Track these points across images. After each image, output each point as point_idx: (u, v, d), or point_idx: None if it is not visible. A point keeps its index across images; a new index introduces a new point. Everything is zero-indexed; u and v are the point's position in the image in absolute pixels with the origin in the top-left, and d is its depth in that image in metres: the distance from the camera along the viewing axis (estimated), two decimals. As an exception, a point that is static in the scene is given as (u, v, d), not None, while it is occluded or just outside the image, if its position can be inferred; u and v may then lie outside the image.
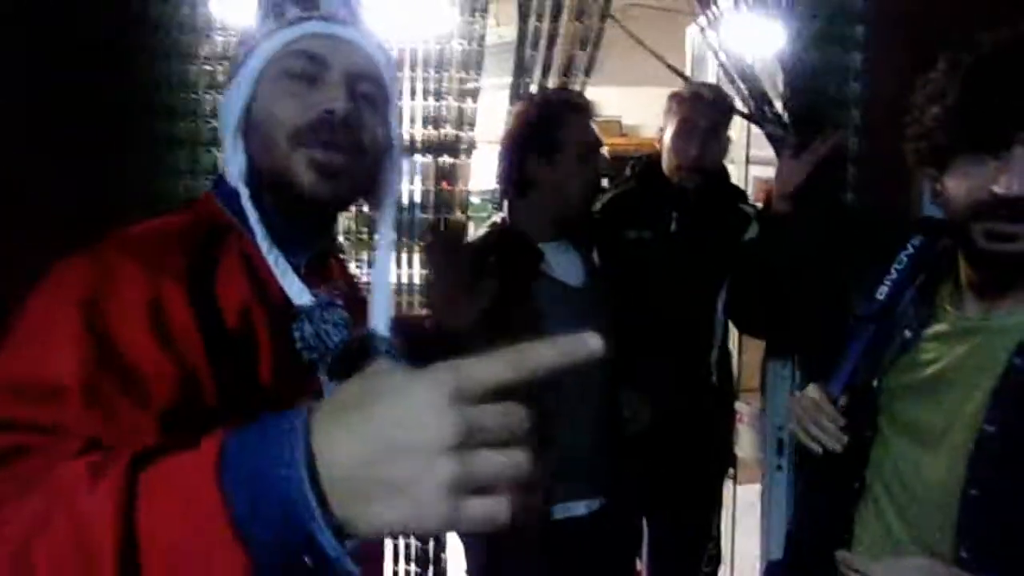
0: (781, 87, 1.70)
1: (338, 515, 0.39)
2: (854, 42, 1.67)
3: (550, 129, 1.46)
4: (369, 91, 0.75)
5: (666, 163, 1.73)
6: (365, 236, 1.71)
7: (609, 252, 1.61)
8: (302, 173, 0.72)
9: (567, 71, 1.78)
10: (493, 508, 0.39)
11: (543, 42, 1.76)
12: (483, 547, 1.52)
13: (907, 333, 0.93)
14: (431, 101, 1.71)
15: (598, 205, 1.81)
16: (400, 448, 0.38)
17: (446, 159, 1.71)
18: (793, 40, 1.69)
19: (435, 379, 0.39)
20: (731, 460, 1.91)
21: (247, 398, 0.65)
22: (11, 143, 1.56)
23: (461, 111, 1.72)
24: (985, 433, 0.80)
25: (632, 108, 3.80)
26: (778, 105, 1.70)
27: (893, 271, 0.98)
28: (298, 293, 0.72)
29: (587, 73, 1.80)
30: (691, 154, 1.67)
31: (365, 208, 1.59)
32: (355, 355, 0.73)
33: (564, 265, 1.50)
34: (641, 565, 2.10)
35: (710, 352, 1.73)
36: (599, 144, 1.48)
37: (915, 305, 0.95)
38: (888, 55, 1.66)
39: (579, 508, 1.48)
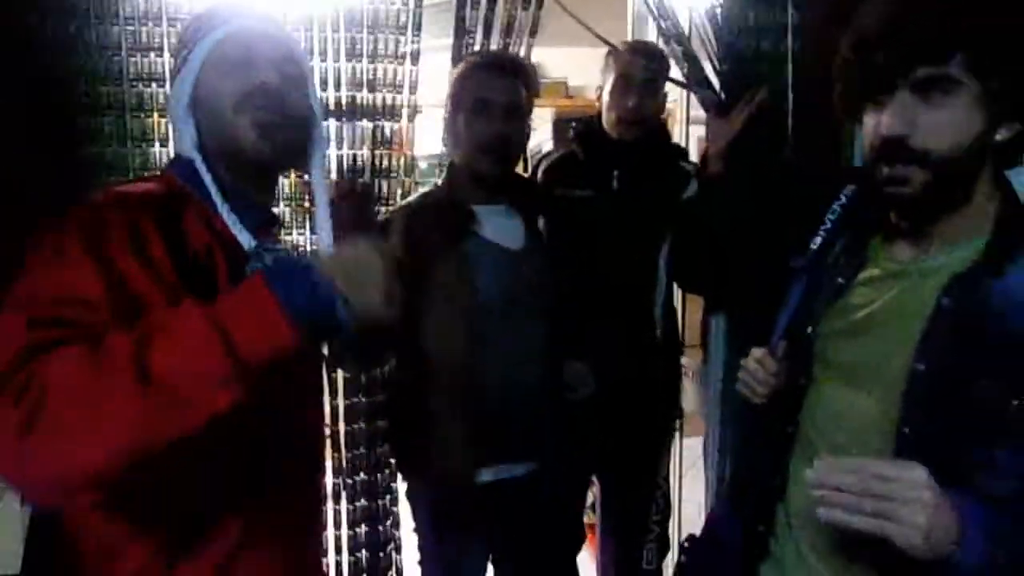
0: (715, 48, 1.71)
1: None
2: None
3: (455, 87, 1.48)
4: (291, 71, 0.95)
5: (605, 119, 1.76)
6: (306, 204, 1.69)
7: (554, 213, 1.59)
8: (246, 133, 0.90)
9: (508, 32, 1.74)
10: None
11: (484, 2, 1.72)
12: (430, 515, 1.54)
13: (839, 280, 0.96)
14: (365, 63, 1.66)
15: (543, 167, 1.84)
16: (356, 266, 0.78)
17: (385, 123, 1.67)
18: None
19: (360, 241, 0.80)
20: (678, 414, 1.95)
21: None
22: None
23: (396, 73, 1.68)
24: (916, 372, 0.83)
25: (578, 70, 3.75)
26: (710, 68, 1.71)
27: (827, 221, 1.01)
28: (247, 240, 0.91)
29: (531, 34, 1.77)
30: (629, 106, 1.70)
31: (305, 177, 1.64)
32: None
33: (500, 228, 1.49)
34: (593, 518, 2.16)
35: (653, 310, 1.75)
36: (500, 101, 1.43)
37: (846, 252, 0.98)
38: (822, 11, 1.68)
39: (518, 469, 1.49)
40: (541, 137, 3.76)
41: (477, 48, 1.74)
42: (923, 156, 0.82)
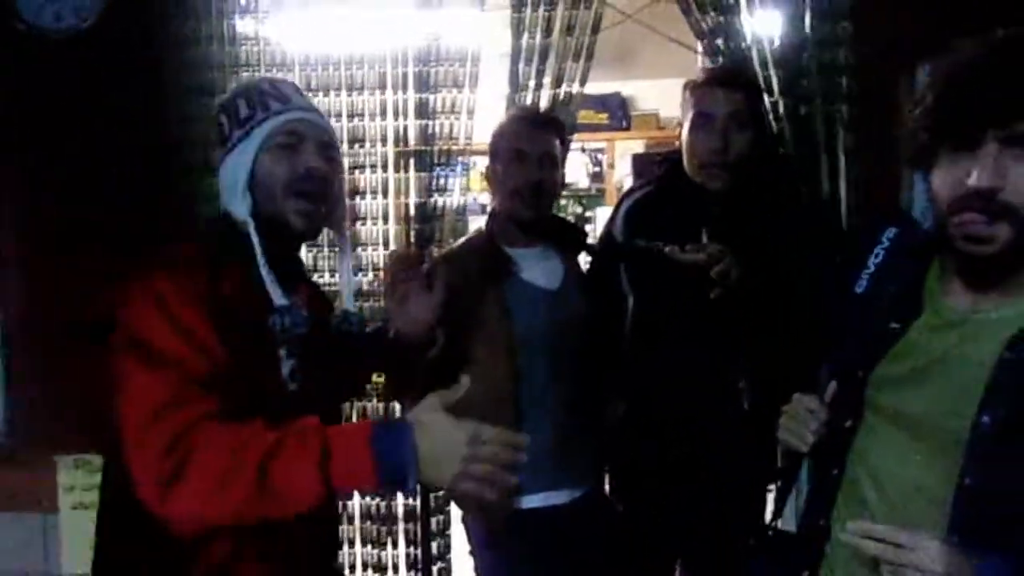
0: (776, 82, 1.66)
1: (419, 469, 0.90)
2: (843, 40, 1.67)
3: (495, 139, 1.58)
4: (331, 153, 1.12)
5: (687, 164, 1.49)
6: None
7: (636, 265, 1.57)
8: (291, 216, 1.07)
9: (559, 82, 1.82)
10: (479, 487, 0.90)
11: (536, 57, 1.80)
12: (482, 540, 1.59)
13: (893, 325, 0.94)
14: (422, 120, 1.82)
15: (624, 208, 1.64)
16: (442, 448, 0.90)
17: (438, 172, 1.82)
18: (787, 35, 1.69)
19: (460, 424, 0.92)
20: (772, 479, 1.53)
21: (239, 367, 0.98)
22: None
23: (452, 126, 1.82)
24: (981, 424, 0.82)
25: (670, 101, 3.76)
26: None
27: (871, 264, 0.99)
28: (279, 296, 1.05)
29: (582, 83, 1.83)
30: (710, 148, 1.43)
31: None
32: (311, 338, 1.10)
33: (539, 269, 1.56)
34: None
35: (738, 381, 1.49)
36: (534, 151, 1.51)
37: (900, 296, 0.95)
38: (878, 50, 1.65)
39: (561, 496, 1.54)
40: (623, 172, 3.81)
41: (531, 98, 1.83)
42: (1011, 211, 0.80)
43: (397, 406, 1.87)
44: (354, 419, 1.87)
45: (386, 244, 1.87)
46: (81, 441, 1.89)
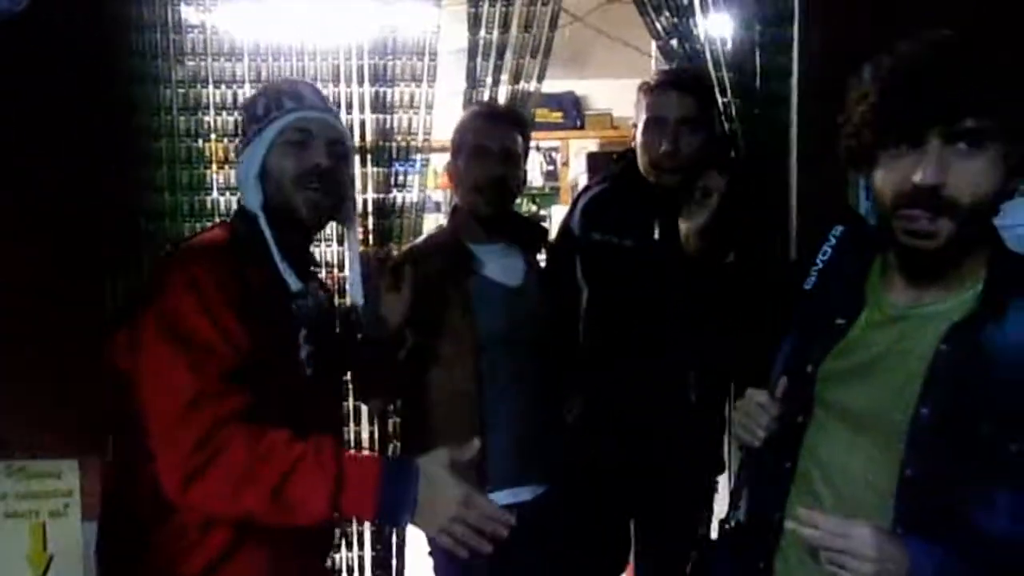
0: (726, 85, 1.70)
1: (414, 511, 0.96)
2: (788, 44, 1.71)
3: (457, 135, 1.57)
4: (340, 151, 1.19)
5: (640, 163, 1.55)
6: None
7: (591, 258, 1.61)
8: (300, 206, 1.14)
9: (516, 79, 1.80)
10: (454, 545, 0.96)
11: (493, 52, 1.78)
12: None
13: (839, 320, 0.96)
14: (381, 114, 1.78)
15: (580, 204, 1.68)
16: (440, 503, 0.96)
17: (396, 168, 1.78)
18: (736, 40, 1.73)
19: (458, 485, 0.97)
20: (718, 471, 1.73)
21: (252, 352, 1.03)
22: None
23: (410, 121, 1.79)
24: (920, 416, 0.84)
25: (623, 100, 3.79)
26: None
27: (818, 262, 1.02)
28: (295, 283, 1.13)
29: (539, 80, 1.82)
30: (662, 151, 1.48)
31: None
32: (324, 321, 1.22)
33: (500, 266, 1.55)
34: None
35: (687, 372, 1.56)
36: (496, 147, 1.50)
37: (845, 293, 0.97)
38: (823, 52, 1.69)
39: (525, 493, 1.54)
40: (577, 170, 3.83)
41: (488, 94, 1.81)
42: (953, 206, 0.81)
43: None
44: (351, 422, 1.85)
45: (340, 241, 1.83)
46: (11, 445, 1.80)
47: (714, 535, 1.17)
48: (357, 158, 1.74)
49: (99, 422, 1.71)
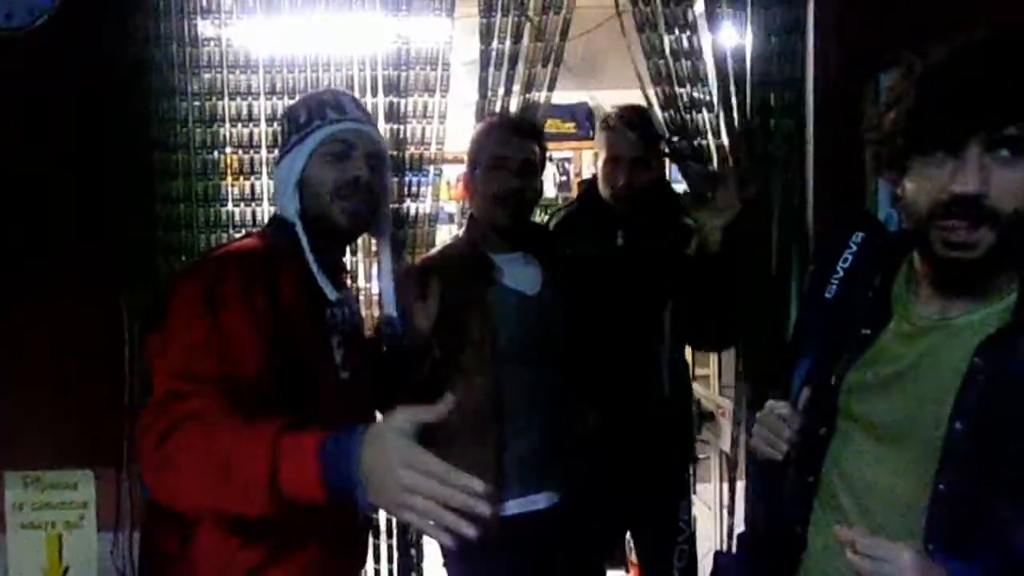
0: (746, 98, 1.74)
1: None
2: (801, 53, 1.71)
3: (475, 145, 1.58)
4: (377, 164, 1.19)
5: (602, 191, 1.76)
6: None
7: (559, 267, 1.65)
8: (338, 217, 1.14)
9: (529, 88, 1.81)
10: (420, 522, 0.83)
11: (505, 63, 1.79)
12: (458, 548, 1.59)
13: (864, 331, 0.93)
14: (394, 124, 1.79)
15: (552, 223, 1.88)
16: (381, 469, 0.83)
17: (411, 176, 1.78)
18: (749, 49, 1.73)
19: (398, 444, 0.83)
20: (692, 461, 1.99)
21: (289, 357, 1.03)
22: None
23: (423, 131, 1.79)
24: (953, 430, 0.81)
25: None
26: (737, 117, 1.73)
27: (839, 270, 0.98)
28: (331, 291, 1.13)
29: (550, 89, 1.83)
30: (619, 184, 1.70)
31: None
32: (356, 329, 1.23)
33: (518, 275, 1.56)
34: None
35: (660, 365, 1.75)
36: (515, 158, 1.52)
37: (870, 302, 0.94)
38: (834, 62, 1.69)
39: (540, 501, 1.54)
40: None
41: (499, 104, 1.81)
42: (994, 216, 0.78)
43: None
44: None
45: (352, 251, 1.83)
46: (32, 457, 1.80)
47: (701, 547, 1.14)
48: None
49: (115, 433, 1.72)
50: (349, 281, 1.79)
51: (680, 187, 1.95)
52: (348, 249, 1.71)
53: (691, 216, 1.73)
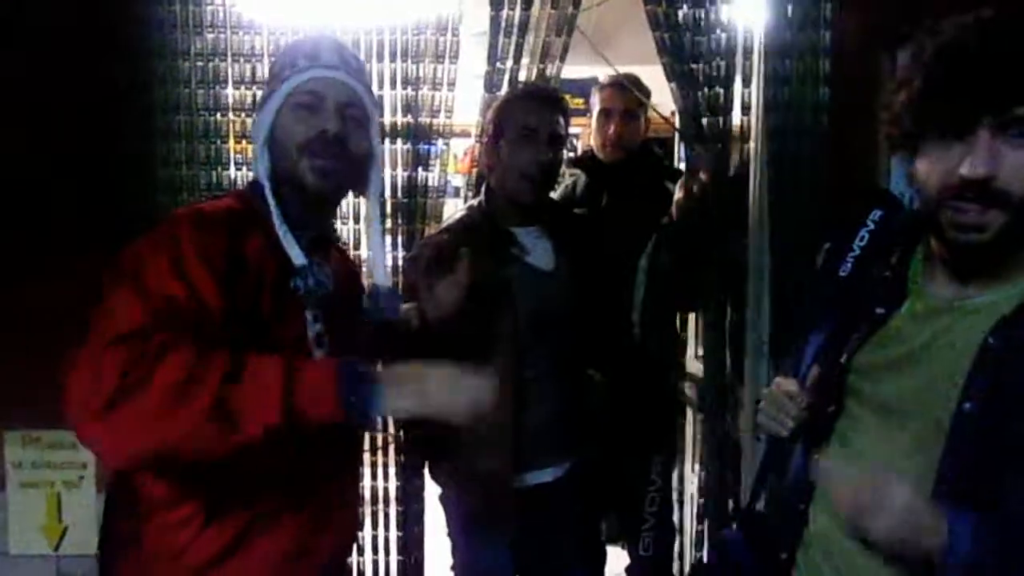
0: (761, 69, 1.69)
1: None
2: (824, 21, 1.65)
3: (499, 115, 1.51)
4: (355, 114, 1.06)
5: (594, 144, 2.05)
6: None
7: (571, 240, 1.61)
8: (306, 173, 1.03)
9: (543, 58, 1.75)
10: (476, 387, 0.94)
11: (515, 30, 1.74)
12: (464, 520, 1.57)
13: (878, 310, 0.91)
14: (406, 90, 1.74)
15: (557, 193, 1.96)
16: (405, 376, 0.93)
17: (421, 146, 1.74)
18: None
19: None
20: (676, 413, 2.14)
21: (252, 322, 0.96)
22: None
23: (434, 99, 1.75)
24: (963, 411, 0.80)
25: (653, 86, 3.73)
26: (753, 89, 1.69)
27: (856, 247, 0.96)
28: (297, 256, 1.01)
29: (562, 59, 1.77)
30: (609, 134, 1.99)
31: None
32: (338, 304, 1.08)
33: (535, 250, 1.52)
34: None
35: (631, 312, 1.86)
36: (544, 131, 1.46)
37: (887, 282, 0.92)
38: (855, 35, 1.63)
39: (547, 474, 1.54)
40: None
41: (508, 74, 1.76)
42: (1005, 198, 0.77)
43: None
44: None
45: (356, 219, 1.80)
46: (30, 416, 1.80)
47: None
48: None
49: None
50: (352, 252, 1.77)
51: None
52: (338, 214, 1.66)
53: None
